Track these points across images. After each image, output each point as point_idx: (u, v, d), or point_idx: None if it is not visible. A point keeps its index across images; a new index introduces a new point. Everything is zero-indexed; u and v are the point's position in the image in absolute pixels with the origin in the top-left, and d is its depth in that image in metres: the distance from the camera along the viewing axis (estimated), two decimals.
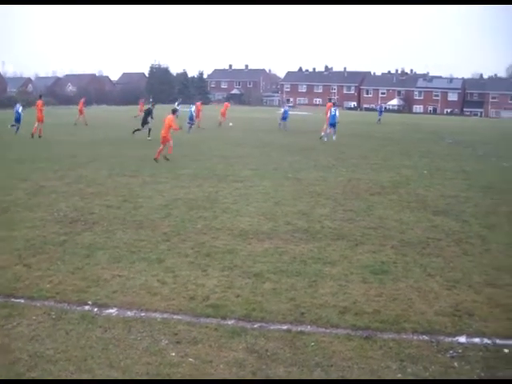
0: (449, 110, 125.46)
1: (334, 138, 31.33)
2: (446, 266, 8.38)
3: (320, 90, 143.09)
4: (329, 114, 32.08)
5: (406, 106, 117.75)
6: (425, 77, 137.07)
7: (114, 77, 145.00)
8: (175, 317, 6.30)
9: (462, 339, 5.94)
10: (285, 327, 6.08)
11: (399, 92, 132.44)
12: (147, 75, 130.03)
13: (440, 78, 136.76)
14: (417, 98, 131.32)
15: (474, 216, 11.99)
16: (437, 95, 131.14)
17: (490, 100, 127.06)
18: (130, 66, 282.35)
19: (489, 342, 5.91)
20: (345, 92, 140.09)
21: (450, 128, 51.53)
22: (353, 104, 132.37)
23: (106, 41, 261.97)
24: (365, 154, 24.34)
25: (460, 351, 5.67)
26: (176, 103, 44.21)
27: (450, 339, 5.94)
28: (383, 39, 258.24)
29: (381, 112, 57.84)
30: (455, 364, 5.41)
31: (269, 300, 6.83)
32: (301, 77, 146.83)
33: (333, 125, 31.81)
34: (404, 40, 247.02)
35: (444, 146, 31.57)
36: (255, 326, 6.10)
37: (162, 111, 30.48)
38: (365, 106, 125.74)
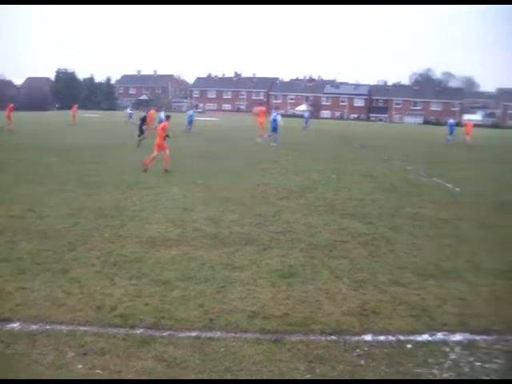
0: (355, 116, 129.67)
1: (273, 144, 32.35)
2: (352, 268, 8.67)
3: (229, 96, 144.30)
4: (270, 119, 33.29)
5: (314, 112, 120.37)
6: (332, 83, 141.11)
7: (18, 81, 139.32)
8: (82, 328, 6.17)
9: (368, 337, 6.18)
10: (194, 334, 6.09)
11: (307, 98, 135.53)
12: (53, 80, 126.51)
13: (347, 84, 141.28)
14: (324, 103, 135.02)
15: (379, 218, 12.47)
16: (344, 101, 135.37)
17: (394, 106, 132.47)
18: (36, 70, 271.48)
19: (393, 338, 6.19)
20: (254, 98, 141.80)
21: (357, 133, 53.20)
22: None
23: (10, 44, 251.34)
24: (274, 159, 24.72)
25: (366, 349, 5.89)
26: (128, 109, 44.11)
27: (356, 338, 6.16)
28: (292, 45, 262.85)
29: (307, 119, 59.62)
30: (362, 362, 5.62)
31: (177, 307, 6.82)
32: (210, 83, 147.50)
33: (275, 129, 33.05)
34: (313, 46, 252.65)
35: (351, 151, 32.60)
36: (164, 334, 6.08)
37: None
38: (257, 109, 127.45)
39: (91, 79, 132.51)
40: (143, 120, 30.93)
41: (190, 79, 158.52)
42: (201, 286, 7.60)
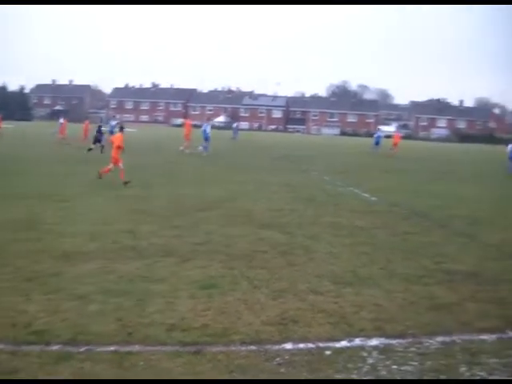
0: (273, 127, 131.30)
1: (204, 153, 33.77)
2: (271, 277, 8.77)
3: (147, 107, 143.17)
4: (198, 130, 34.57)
5: (233, 123, 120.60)
6: (250, 95, 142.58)
7: None
8: None
9: (289, 346, 6.27)
10: (112, 348, 5.98)
11: (225, 109, 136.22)
12: None
13: (265, 95, 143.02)
14: (243, 114, 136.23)
15: (298, 227, 12.69)
16: (262, 112, 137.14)
17: (312, 117, 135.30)
18: None
19: (313, 346, 6.30)
20: (172, 109, 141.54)
21: (276, 144, 53.85)
22: (180, 121, 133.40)
23: None
24: (194, 170, 24.69)
25: (287, 357, 5.97)
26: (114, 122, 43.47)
27: (277, 347, 6.23)
28: (210, 56, 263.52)
29: (236, 130, 60.03)
30: (282, 370, 5.69)
31: (95, 322, 6.68)
32: (127, 93, 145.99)
33: (206, 139, 34.79)
34: (231, 58, 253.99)
35: (270, 161, 32.99)
36: (81, 349, 5.93)
37: None
38: (193, 122, 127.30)
39: (4, 88, 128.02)
40: (99, 130, 32.50)
41: (107, 90, 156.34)
42: (119, 299, 7.48)
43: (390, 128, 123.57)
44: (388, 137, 63.92)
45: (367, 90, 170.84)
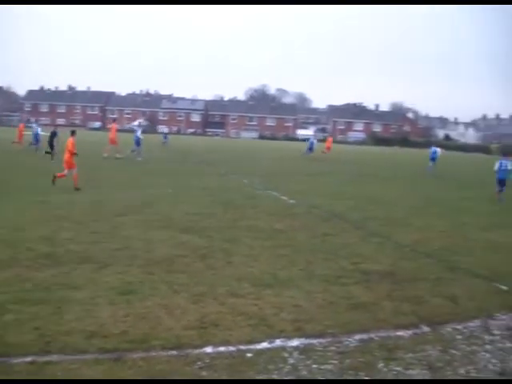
0: (192, 130, 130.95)
1: (138, 158, 34.44)
2: (191, 282, 8.75)
3: (63, 110, 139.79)
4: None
5: (151, 127, 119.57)
6: (169, 98, 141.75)
7: None
8: None
9: (209, 350, 6.27)
10: (29, 359, 5.79)
11: (144, 112, 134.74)
12: None
13: (184, 99, 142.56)
14: (162, 118, 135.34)
15: (217, 231, 12.71)
16: (181, 116, 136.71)
17: (231, 121, 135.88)
18: None
19: (234, 349, 6.33)
20: (89, 112, 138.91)
21: (195, 147, 53.66)
22: (98, 124, 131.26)
23: None
24: (111, 174, 24.28)
25: (208, 361, 5.97)
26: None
27: (197, 351, 6.22)
28: (128, 59, 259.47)
29: (166, 135, 59.36)
30: (204, 373, 5.69)
31: (10, 332, 6.44)
32: (43, 96, 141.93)
33: (137, 144, 35.68)
34: (149, 60, 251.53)
35: (189, 165, 32.87)
36: None
37: None
38: (109, 126, 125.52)
39: None
40: (52, 136, 31.77)
41: (21, 92, 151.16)
42: (35, 308, 7.25)
43: (309, 132, 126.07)
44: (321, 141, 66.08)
45: (286, 93, 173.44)
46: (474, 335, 7.28)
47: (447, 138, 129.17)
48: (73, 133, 20.39)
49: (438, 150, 40.07)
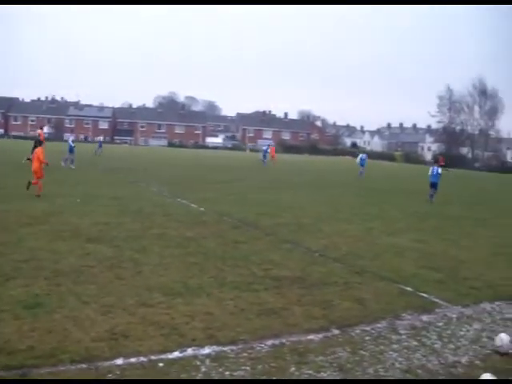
0: (100, 138, 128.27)
1: (72, 166, 34.34)
2: (100, 292, 8.59)
3: None
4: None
5: (57, 134, 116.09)
6: (76, 105, 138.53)
7: None
8: None
9: (120, 361, 6.19)
10: None
11: (49, 120, 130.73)
12: None
13: (91, 106, 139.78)
14: (68, 125, 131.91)
15: (126, 241, 12.53)
16: (88, 123, 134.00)
17: (139, 129, 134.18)
18: None
19: (145, 359, 6.28)
20: None
21: (103, 155, 52.54)
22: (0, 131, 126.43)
23: None
24: (20, 183, 23.41)
25: (118, 373, 5.90)
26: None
27: (108, 363, 6.12)
28: (30, 63, 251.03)
29: (100, 143, 58.54)
30: None
31: None
32: None
33: (71, 151, 35.54)
34: (53, 65, 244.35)
35: (98, 173, 32.20)
36: None
37: None
38: (13, 133, 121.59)
39: None
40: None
41: None
42: None
43: (218, 139, 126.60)
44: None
45: (195, 101, 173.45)
46: (382, 335, 7.58)
47: (354, 145, 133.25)
48: (40, 143, 21.36)
49: (365, 156, 43.83)
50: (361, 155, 44.88)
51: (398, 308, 8.82)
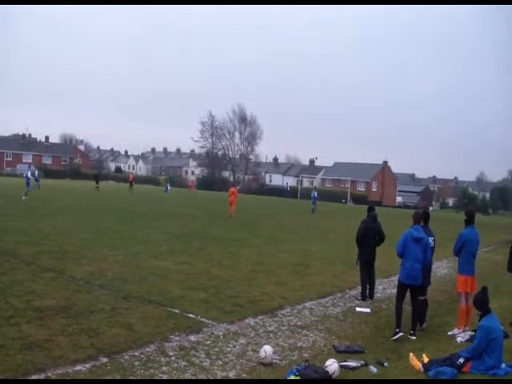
0: None
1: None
2: None
3: None
4: None
5: None
6: None
7: None
8: None
9: None
10: None
11: None
12: None
13: None
14: None
15: None
16: None
17: None
18: None
19: None
20: None
21: None
22: None
23: None
24: None
25: None
26: None
27: None
28: None
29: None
30: None
31: None
32: None
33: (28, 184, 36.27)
34: None
35: None
36: None
37: None
38: None
39: None
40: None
41: None
42: None
43: None
44: None
45: None
46: (151, 359, 7.66)
47: (118, 170, 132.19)
48: None
49: (316, 194, 48.05)
50: (313, 192, 47.82)
51: (166, 330, 8.98)
